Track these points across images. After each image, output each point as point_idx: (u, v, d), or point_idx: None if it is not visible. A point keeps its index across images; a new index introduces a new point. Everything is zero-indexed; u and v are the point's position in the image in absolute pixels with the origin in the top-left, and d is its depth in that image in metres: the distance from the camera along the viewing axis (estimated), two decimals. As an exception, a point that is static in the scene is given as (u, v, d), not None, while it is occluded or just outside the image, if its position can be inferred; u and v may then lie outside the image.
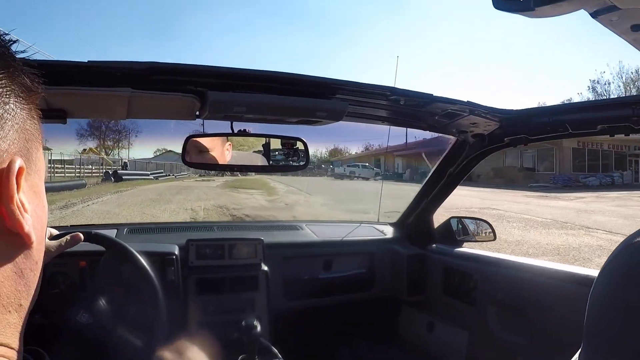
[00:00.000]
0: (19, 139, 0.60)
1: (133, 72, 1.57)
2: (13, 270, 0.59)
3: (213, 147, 2.03)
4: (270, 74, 1.71)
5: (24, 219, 0.58)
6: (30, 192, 0.63)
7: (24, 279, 0.62)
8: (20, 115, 0.61)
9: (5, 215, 0.57)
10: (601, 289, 0.69)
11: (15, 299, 0.60)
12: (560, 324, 2.08)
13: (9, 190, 0.56)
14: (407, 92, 1.94)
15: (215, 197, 22.79)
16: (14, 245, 0.60)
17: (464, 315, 2.72)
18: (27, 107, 0.63)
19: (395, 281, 3.10)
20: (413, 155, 31.24)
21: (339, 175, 45.45)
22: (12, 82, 0.60)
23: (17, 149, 0.59)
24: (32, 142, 0.63)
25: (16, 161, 0.57)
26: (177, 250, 2.44)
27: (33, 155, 0.64)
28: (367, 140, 72.58)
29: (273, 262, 2.69)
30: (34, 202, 0.63)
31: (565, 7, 0.64)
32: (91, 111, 1.88)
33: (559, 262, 3.21)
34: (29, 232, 0.59)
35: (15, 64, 0.61)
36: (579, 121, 1.95)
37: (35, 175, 0.65)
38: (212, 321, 2.37)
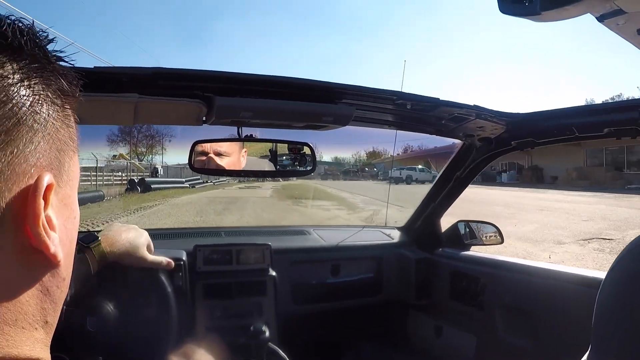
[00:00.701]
0: (50, 150, 0.57)
1: (139, 77, 1.58)
2: (38, 289, 0.58)
3: (231, 153, 2.04)
4: (276, 79, 1.72)
5: (50, 239, 0.56)
6: (60, 205, 0.60)
7: (50, 297, 0.60)
8: (53, 125, 0.58)
9: (31, 236, 0.54)
10: (608, 292, 0.69)
11: (41, 316, 0.58)
12: (568, 326, 2.07)
13: (35, 210, 0.54)
14: (413, 97, 1.93)
15: (282, 214, 19.32)
16: (40, 264, 0.57)
17: (472, 319, 2.71)
18: (62, 114, 0.60)
19: (402, 285, 3.10)
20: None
21: (394, 179, 42.23)
22: (47, 88, 0.57)
23: (47, 162, 0.57)
24: (64, 152, 0.61)
25: (44, 177, 0.55)
26: (185, 255, 2.44)
27: (65, 165, 0.61)
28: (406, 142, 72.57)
29: (281, 267, 2.68)
30: (63, 216, 0.61)
31: (571, 11, 0.64)
32: (98, 117, 1.88)
33: None
34: (55, 253, 0.57)
35: (51, 67, 0.58)
36: (585, 124, 1.95)
37: (66, 187, 0.62)
38: (220, 326, 2.37)
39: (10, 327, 0.54)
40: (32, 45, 0.55)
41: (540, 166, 43.00)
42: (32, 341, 0.57)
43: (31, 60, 0.55)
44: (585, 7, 0.64)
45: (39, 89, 0.56)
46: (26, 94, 0.54)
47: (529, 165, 44.92)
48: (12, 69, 0.53)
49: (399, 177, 42.80)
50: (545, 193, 27.99)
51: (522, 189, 32.64)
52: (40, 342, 0.58)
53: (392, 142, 3.21)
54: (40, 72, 0.56)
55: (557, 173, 39.67)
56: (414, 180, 42.18)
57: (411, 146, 62.53)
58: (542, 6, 0.64)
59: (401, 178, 42.75)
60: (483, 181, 44.74)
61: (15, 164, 0.52)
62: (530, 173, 43.04)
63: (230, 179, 44.14)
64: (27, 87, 0.54)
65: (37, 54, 0.56)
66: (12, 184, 0.52)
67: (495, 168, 47.65)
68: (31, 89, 0.55)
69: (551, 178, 40.09)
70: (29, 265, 0.56)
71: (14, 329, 0.54)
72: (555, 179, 39.33)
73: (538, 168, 43.14)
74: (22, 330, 0.55)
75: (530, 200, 23.31)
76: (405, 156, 59.38)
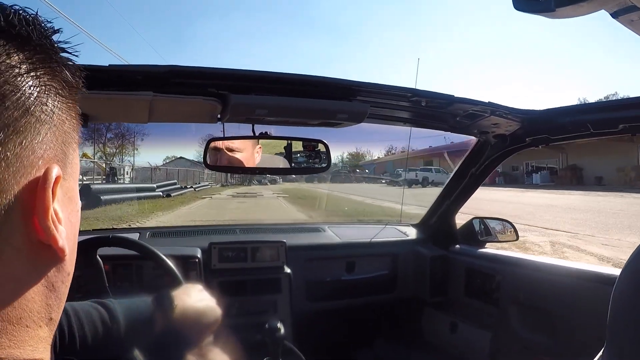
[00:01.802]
0: (56, 142, 0.56)
1: (154, 75, 1.58)
2: (44, 285, 0.56)
3: (243, 149, 2.04)
4: (291, 77, 1.72)
5: (58, 232, 0.54)
6: (65, 198, 0.58)
7: (55, 292, 0.58)
8: (59, 116, 0.57)
9: (39, 230, 0.53)
10: (623, 289, 0.69)
11: (46, 313, 0.57)
12: (583, 323, 2.07)
13: (45, 202, 0.52)
14: (428, 94, 1.93)
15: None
16: (46, 258, 0.56)
17: (487, 315, 2.71)
18: (67, 106, 0.59)
19: (418, 282, 3.10)
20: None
21: (407, 181, 36.75)
22: (53, 79, 0.56)
23: (53, 154, 0.55)
24: (69, 144, 0.59)
25: (53, 169, 0.53)
26: (200, 253, 2.45)
27: (69, 157, 0.60)
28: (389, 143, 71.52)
29: (296, 264, 2.69)
30: (67, 209, 0.59)
31: (586, 7, 0.63)
32: (113, 115, 1.89)
33: None
34: (63, 246, 0.55)
35: (57, 57, 0.56)
36: (600, 121, 1.93)
37: (70, 179, 0.60)
38: (236, 323, 2.37)
39: (14, 326, 0.53)
40: (39, 35, 0.54)
41: (579, 165, 39.60)
42: (35, 340, 0.55)
43: (38, 51, 0.54)
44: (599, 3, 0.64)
45: (45, 79, 0.55)
46: (34, 84, 0.53)
47: (566, 164, 41.74)
48: (19, 59, 0.52)
49: (414, 179, 39.59)
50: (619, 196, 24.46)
51: (572, 192, 29.38)
52: (43, 341, 0.57)
53: (399, 139, 3.20)
54: (48, 63, 0.55)
55: (601, 173, 36.32)
56: (430, 183, 38.53)
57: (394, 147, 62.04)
58: (556, 3, 0.64)
59: (417, 180, 39.61)
60: (507, 183, 42.96)
61: (23, 156, 0.51)
62: (570, 173, 39.81)
63: (211, 181, 42.04)
64: (35, 78, 0.53)
65: (44, 44, 0.55)
66: (20, 176, 0.51)
67: (518, 168, 46.88)
68: (38, 80, 0.54)
69: (595, 179, 36.49)
70: (36, 261, 0.55)
71: (18, 327, 0.53)
72: (600, 180, 36.03)
73: (577, 167, 39.76)
74: (26, 329, 0.54)
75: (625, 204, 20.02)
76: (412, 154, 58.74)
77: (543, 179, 42.35)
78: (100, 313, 1.37)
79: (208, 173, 59.43)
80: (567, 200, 22.75)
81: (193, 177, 49.29)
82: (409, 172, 40.91)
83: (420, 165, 46.71)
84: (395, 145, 79.49)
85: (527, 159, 44.47)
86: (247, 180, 54.57)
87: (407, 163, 43.61)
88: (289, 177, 44.22)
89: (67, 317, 1.29)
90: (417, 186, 37.33)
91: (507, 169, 45.96)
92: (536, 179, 42.95)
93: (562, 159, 42.15)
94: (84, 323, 1.31)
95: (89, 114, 1.75)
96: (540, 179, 42.49)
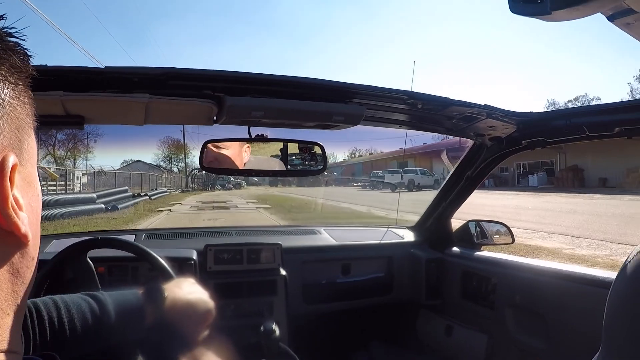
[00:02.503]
0: (10, 130, 0.56)
1: (150, 77, 1.58)
2: (9, 272, 0.57)
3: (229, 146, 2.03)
4: (287, 79, 1.72)
5: (20, 219, 0.56)
6: (24, 183, 0.60)
7: (21, 278, 0.59)
8: (10, 104, 0.56)
9: (1, 218, 0.54)
10: (619, 292, 0.69)
11: (13, 300, 0.57)
12: (579, 326, 2.07)
13: (4, 191, 0.54)
14: (424, 96, 1.93)
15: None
16: (10, 245, 0.57)
17: (483, 318, 2.71)
18: (17, 92, 0.58)
19: (413, 285, 3.10)
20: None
21: (393, 185, 35.63)
22: (1, 66, 0.55)
23: (8, 142, 0.56)
24: (23, 130, 0.60)
25: (9, 158, 0.54)
26: (196, 255, 2.45)
27: (25, 143, 0.60)
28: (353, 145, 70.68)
29: (291, 266, 2.69)
30: (28, 194, 0.60)
31: (582, 10, 0.63)
32: (108, 117, 1.89)
33: None
34: (26, 232, 0.57)
35: (3, 44, 0.56)
36: (596, 124, 1.94)
37: (27, 165, 0.61)
38: (231, 326, 2.37)
39: None
40: None
41: (580, 166, 36.99)
42: (3, 329, 0.56)
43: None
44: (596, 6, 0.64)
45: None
46: None
47: (564, 165, 39.00)
48: None
49: (400, 183, 36.91)
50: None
51: (575, 194, 27.12)
52: (9, 330, 0.57)
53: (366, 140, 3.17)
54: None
55: (605, 174, 34.19)
56: (416, 186, 36.71)
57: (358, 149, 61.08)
58: (552, 6, 0.64)
59: (403, 183, 37.28)
60: (497, 186, 41.54)
61: None
62: (571, 175, 37.00)
63: (171, 188, 38.20)
64: None
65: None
66: None
67: (508, 170, 45.02)
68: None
69: (599, 180, 34.24)
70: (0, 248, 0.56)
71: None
72: (605, 181, 33.96)
73: (578, 168, 37.05)
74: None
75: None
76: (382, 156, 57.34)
77: (540, 180, 40.24)
78: (90, 304, 1.38)
79: (167, 177, 56.18)
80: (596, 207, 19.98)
81: (148, 181, 44.29)
82: (393, 175, 39.82)
83: (393, 166, 46.00)
84: (359, 147, 79.41)
85: (518, 159, 41.62)
86: (210, 185, 51.87)
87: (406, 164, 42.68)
88: (251, 179, 42.62)
89: (57, 309, 1.30)
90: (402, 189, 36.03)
91: (495, 171, 42.93)
92: (533, 181, 41.02)
93: (560, 159, 40.05)
94: (73, 314, 1.32)
95: (85, 115, 1.75)
96: (537, 181, 40.31)
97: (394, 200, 25.15)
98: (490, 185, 42.07)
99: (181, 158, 69.31)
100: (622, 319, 0.67)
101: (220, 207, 26.33)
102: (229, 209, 24.46)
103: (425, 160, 42.61)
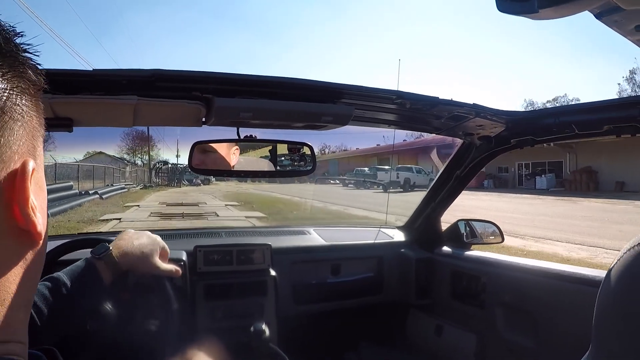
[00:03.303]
0: (27, 138, 0.60)
1: (138, 79, 1.58)
2: (23, 268, 0.60)
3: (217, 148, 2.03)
4: (276, 80, 1.72)
5: (37, 218, 0.59)
6: (37, 187, 0.63)
7: (32, 275, 0.63)
8: (29, 114, 0.60)
9: (19, 218, 0.57)
10: (609, 291, 0.69)
11: (25, 294, 0.61)
12: (569, 325, 2.07)
13: (25, 193, 0.57)
14: (412, 96, 1.94)
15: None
16: (25, 243, 0.60)
17: (473, 318, 2.71)
18: (33, 103, 0.62)
19: (403, 285, 3.10)
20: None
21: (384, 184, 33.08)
22: (21, 80, 0.59)
23: (26, 148, 0.60)
24: (37, 138, 0.64)
25: (29, 163, 0.58)
26: (185, 256, 2.44)
27: (37, 150, 0.64)
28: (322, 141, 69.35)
29: (281, 267, 2.69)
30: (39, 197, 0.63)
31: (569, 8, 0.64)
32: (97, 119, 1.88)
33: None
34: (41, 231, 0.61)
35: (22, 60, 0.60)
36: (585, 122, 1.95)
37: (39, 170, 0.64)
38: (221, 327, 2.37)
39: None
40: (5, 40, 0.57)
41: (594, 168, 34.56)
42: (17, 323, 0.59)
43: (7, 55, 0.57)
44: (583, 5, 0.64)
45: (15, 82, 0.58)
46: (5, 87, 0.56)
47: (576, 166, 36.25)
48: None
49: (396, 181, 34.95)
50: None
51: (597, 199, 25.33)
52: (22, 324, 0.61)
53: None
54: (15, 66, 0.58)
55: (623, 177, 32.12)
56: (411, 186, 34.32)
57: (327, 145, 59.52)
58: (539, 4, 0.64)
59: (399, 182, 34.99)
60: (497, 187, 39.56)
61: (2, 152, 0.55)
62: (585, 177, 34.60)
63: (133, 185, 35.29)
64: (6, 81, 0.57)
65: (11, 49, 0.58)
66: (0, 170, 0.55)
67: (508, 170, 42.94)
68: (9, 82, 0.57)
69: (616, 184, 32.14)
70: (16, 246, 0.59)
71: (2, 309, 0.56)
72: (622, 186, 32.00)
73: (592, 170, 34.67)
74: (8, 311, 0.57)
75: None
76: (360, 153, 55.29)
77: (549, 182, 37.54)
78: (47, 286, 1.43)
79: (130, 171, 53.31)
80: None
81: (112, 175, 42.07)
82: (386, 173, 37.46)
83: (373, 163, 44.12)
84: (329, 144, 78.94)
85: (520, 159, 40.87)
86: (176, 180, 49.64)
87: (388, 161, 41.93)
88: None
89: None
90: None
91: (493, 170, 43.28)
92: (541, 182, 38.15)
93: (569, 159, 37.58)
94: (36, 300, 1.35)
95: (74, 118, 1.75)
96: (547, 183, 37.57)
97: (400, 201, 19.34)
98: (490, 186, 40.52)
99: (146, 150, 68.28)
100: (612, 317, 0.68)
101: (193, 213, 20.07)
102: (206, 218, 18.97)
103: (410, 158, 41.74)
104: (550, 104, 61.32)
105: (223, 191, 37.81)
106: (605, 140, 2.08)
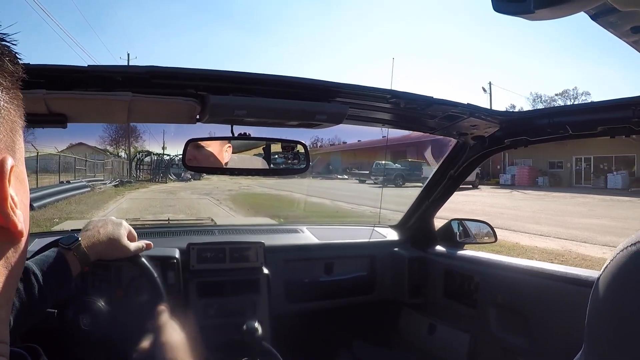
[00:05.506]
0: (6, 133, 0.58)
1: (133, 76, 1.58)
2: (4, 266, 0.58)
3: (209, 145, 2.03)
4: (270, 78, 1.72)
5: (17, 216, 0.58)
6: (17, 182, 0.61)
7: (13, 273, 0.61)
8: (5, 108, 0.58)
9: (0, 217, 0.56)
10: (601, 291, 0.69)
11: (5, 293, 0.59)
12: (562, 325, 2.08)
13: (3, 191, 0.55)
14: (407, 95, 1.94)
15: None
16: (5, 241, 0.59)
17: (465, 317, 2.72)
18: (10, 95, 0.59)
19: (396, 284, 3.10)
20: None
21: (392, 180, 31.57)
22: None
23: (4, 144, 0.57)
24: (15, 131, 0.61)
25: (7, 160, 0.56)
26: (178, 254, 2.43)
27: (17, 144, 0.62)
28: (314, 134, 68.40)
29: (274, 265, 2.68)
30: (20, 192, 0.62)
31: (565, 9, 0.64)
32: (92, 115, 1.88)
33: None
34: (22, 229, 0.59)
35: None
36: (579, 123, 1.95)
37: (19, 164, 0.62)
38: (214, 324, 2.37)
39: None
40: None
41: None
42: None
43: None
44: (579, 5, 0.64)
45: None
46: None
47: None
48: None
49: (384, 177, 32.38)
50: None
51: None
52: (2, 323, 0.59)
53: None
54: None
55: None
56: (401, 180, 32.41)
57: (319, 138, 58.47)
58: (535, 5, 0.64)
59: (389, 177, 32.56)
60: (553, 186, 35.52)
61: None
62: None
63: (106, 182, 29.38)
64: None
65: None
66: None
67: (563, 165, 37.84)
68: None
69: (634, 181, 28.87)
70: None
71: None
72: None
73: None
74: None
75: None
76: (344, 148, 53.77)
77: (624, 181, 32.11)
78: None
79: (114, 162, 48.08)
80: None
81: (94, 168, 38.41)
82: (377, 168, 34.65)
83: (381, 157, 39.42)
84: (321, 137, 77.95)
85: (576, 152, 35.30)
86: (161, 174, 41.56)
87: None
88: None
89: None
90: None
91: (542, 166, 38.46)
92: (614, 181, 32.79)
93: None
94: None
95: (68, 114, 1.74)
96: (621, 182, 32.05)
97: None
98: (545, 184, 37.09)
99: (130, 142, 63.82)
100: (605, 318, 0.68)
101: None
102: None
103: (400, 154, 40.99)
104: (559, 98, 61.87)
105: (222, 190, 28.45)
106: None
